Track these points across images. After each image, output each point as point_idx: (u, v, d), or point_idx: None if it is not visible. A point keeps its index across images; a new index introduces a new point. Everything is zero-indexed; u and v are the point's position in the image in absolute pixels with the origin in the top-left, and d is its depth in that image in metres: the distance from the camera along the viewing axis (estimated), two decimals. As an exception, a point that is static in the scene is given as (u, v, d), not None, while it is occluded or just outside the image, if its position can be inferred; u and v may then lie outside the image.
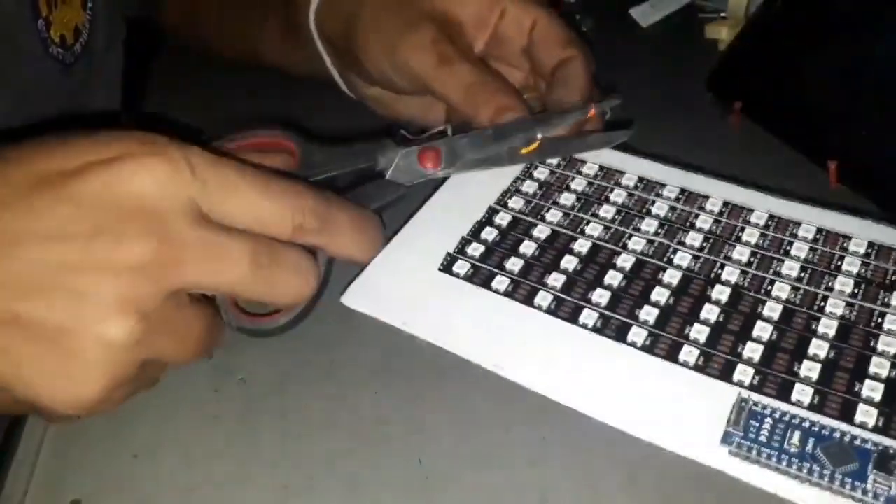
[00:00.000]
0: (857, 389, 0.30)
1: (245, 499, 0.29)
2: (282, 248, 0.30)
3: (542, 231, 0.37)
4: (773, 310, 0.33)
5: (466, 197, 0.39)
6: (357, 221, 0.33)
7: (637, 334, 0.32)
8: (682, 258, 0.35)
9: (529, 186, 0.39)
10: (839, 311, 0.33)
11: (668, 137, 0.50)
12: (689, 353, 0.32)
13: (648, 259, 0.35)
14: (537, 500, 0.29)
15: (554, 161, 0.40)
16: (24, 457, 0.31)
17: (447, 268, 0.36)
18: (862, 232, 0.35)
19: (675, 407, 0.30)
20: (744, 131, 0.49)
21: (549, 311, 0.34)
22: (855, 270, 0.34)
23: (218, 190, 0.28)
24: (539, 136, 0.38)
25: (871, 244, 0.35)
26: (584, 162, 0.40)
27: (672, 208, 0.38)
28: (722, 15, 0.63)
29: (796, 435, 0.29)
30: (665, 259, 0.35)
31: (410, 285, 0.35)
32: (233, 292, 0.30)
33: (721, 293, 0.34)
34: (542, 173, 0.40)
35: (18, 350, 0.26)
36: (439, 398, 0.32)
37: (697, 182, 0.39)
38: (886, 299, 0.33)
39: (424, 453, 0.30)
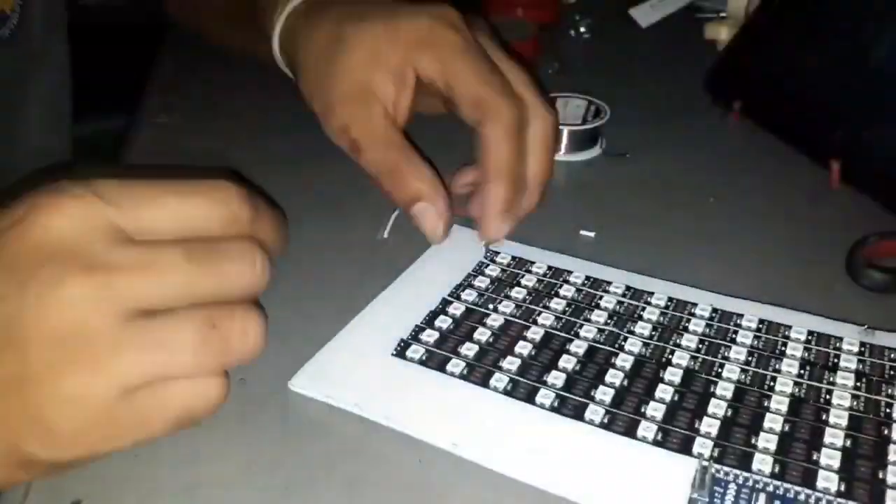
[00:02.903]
0: (815, 458, 0.30)
1: (245, 499, 0.29)
2: (218, 239, 0.29)
3: (495, 320, 0.37)
4: (725, 389, 0.33)
5: (419, 289, 0.39)
6: (276, 214, 0.33)
7: (594, 412, 0.32)
8: (633, 344, 0.36)
9: (482, 281, 0.40)
10: (788, 390, 0.33)
11: (668, 137, 0.52)
12: (647, 429, 0.31)
13: (601, 346, 0.36)
14: (537, 500, 0.29)
15: (504, 261, 0.41)
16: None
17: (401, 353, 0.35)
18: (801, 323, 0.37)
19: (637, 479, 0.30)
20: (743, 131, 0.49)
21: (505, 392, 0.33)
22: (798, 354, 0.35)
23: (134, 207, 0.28)
24: None
25: (810, 332, 0.36)
26: (532, 262, 0.41)
27: (619, 302, 0.39)
28: (721, 15, 0.64)
29: (762, 498, 0.28)
30: (616, 346, 0.36)
31: (362, 371, 0.35)
32: (187, 297, 0.28)
33: (674, 375, 0.34)
34: (493, 270, 0.41)
35: None
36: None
37: (641, 280, 0.40)
38: (831, 378, 0.34)
39: (424, 453, 0.30)
